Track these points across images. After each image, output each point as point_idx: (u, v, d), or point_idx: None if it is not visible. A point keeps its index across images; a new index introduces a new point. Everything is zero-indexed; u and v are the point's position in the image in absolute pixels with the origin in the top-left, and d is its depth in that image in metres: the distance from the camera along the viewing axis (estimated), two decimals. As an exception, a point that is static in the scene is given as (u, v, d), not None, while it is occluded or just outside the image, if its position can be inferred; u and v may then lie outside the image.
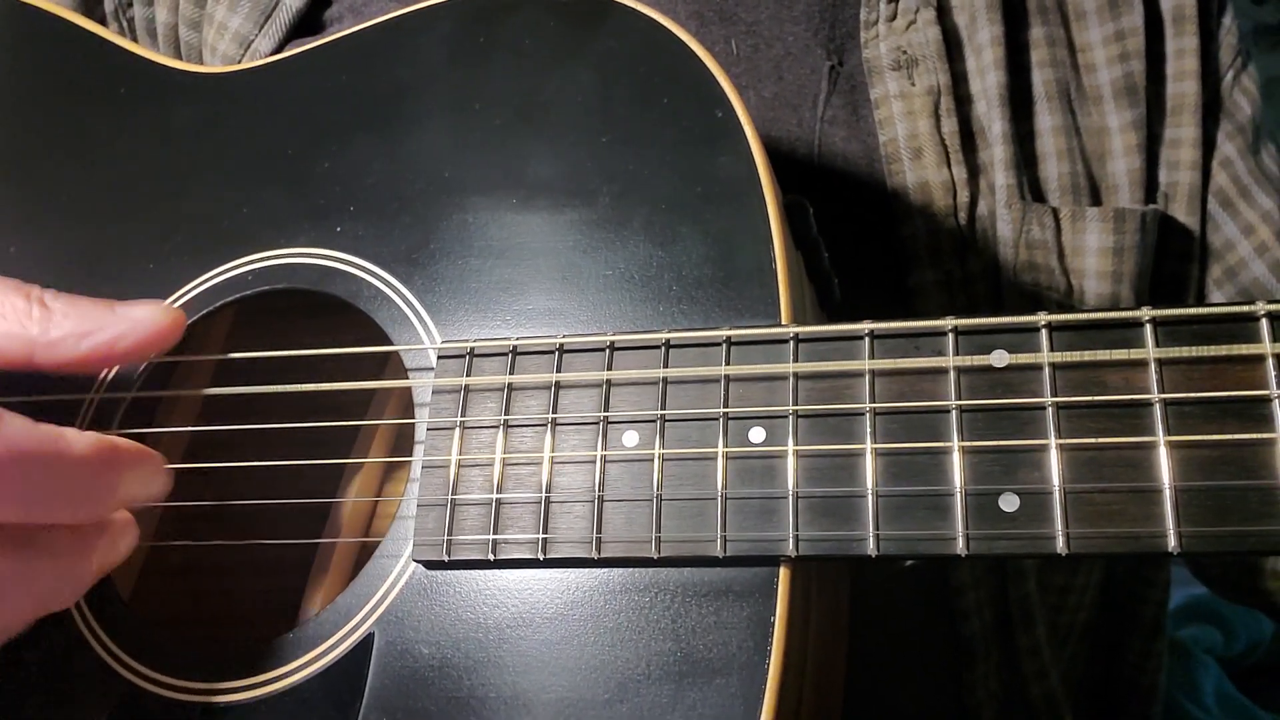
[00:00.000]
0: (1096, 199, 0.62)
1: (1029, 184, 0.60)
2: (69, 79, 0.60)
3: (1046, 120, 0.61)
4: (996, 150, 0.59)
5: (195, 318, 0.52)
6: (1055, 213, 0.59)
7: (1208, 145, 0.64)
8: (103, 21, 0.70)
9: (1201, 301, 0.65)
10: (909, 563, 0.38)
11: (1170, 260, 0.64)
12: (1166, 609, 0.69)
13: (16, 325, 0.42)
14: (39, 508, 0.38)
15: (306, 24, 0.64)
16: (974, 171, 0.60)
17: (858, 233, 0.58)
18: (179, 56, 0.69)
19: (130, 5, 0.70)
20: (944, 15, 0.62)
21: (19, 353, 0.42)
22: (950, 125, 0.59)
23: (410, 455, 0.46)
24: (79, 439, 0.39)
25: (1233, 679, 1.12)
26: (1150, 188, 0.63)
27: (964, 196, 0.59)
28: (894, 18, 0.61)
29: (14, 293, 0.43)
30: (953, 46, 0.61)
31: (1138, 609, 0.68)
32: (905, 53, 0.60)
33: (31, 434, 0.37)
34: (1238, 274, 0.64)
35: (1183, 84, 0.63)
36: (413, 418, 0.46)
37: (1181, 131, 0.63)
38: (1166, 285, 0.64)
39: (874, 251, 0.59)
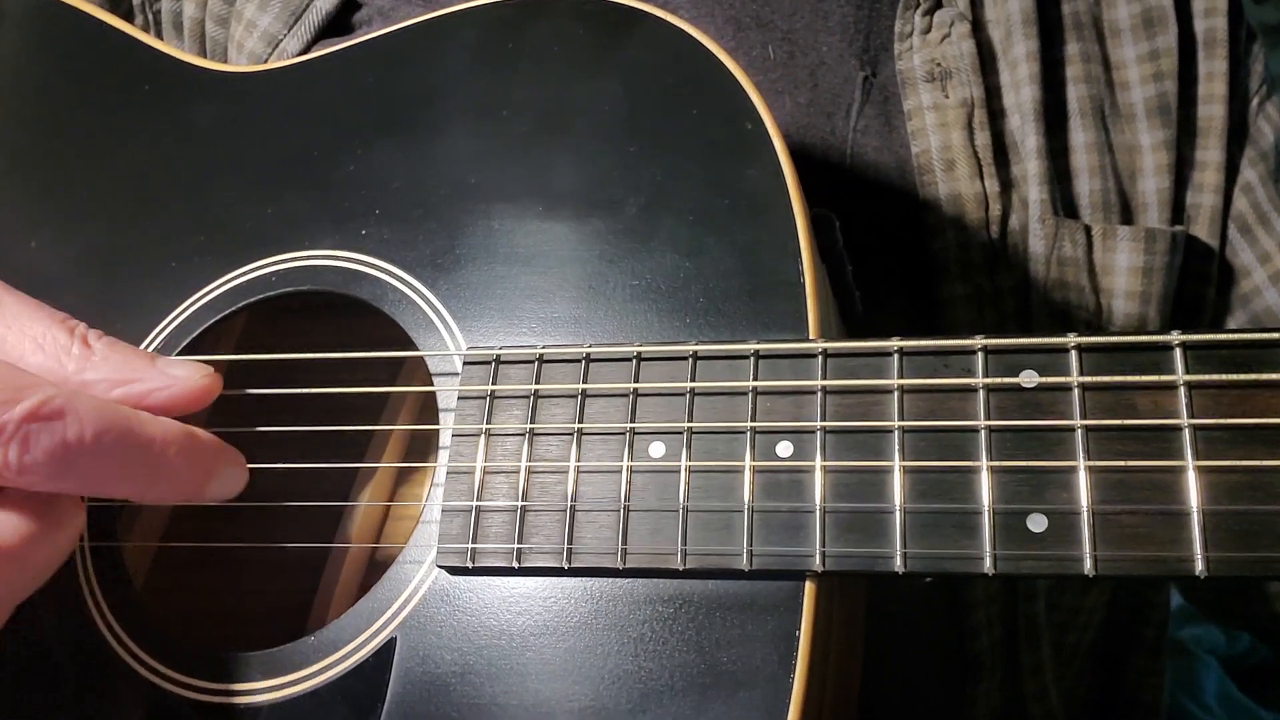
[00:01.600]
0: (1127, 217, 0.62)
1: (1061, 199, 0.60)
2: (93, 75, 0.60)
3: (1080, 136, 0.61)
4: (1030, 165, 0.59)
5: (218, 318, 0.52)
6: (1087, 230, 0.59)
7: (1231, 170, 0.64)
8: (129, 14, 0.70)
9: (1217, 326, 0.66)
10: (927, 579, 0.38)
11: (1190, 282, 0.64)
12: (1166, 629, 0.70)
13: (54, 360, 0.41)
14: (112, 486, 0.39)
15: (335, 26, 0.64)
16: (1006, 185, 0.60)
17: (887, 243, 0.58)
18: (204, 52, 0.69)
19: None
20: (979, 29, 0.62)
21: None
22: (983, 138, 0.60)
23: (425, 460, 0.46)
24: (153, 422, 0.40)
25: (1234, 679, 1.12)
26: (1178, 208, 0.63)
27: (996, 210, 0.59)
28: (929, 30, 0.61)
29: (58, 326, 0.42)
30: (987, 60, 0.61)
31: (1140, 630, 0.69)
32: (939, 65, 0.60)
33: (104, 412, 0.38)
34: (1250, 301, 0.64)
35: (1210, 107, 0.63)
36: (429, 422, 0.46)
37: (1207, 154, 0.63)
38: (1186, 308, 0.64)
39: (903, 263, 0.59)
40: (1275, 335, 0.36)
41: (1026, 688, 0.61)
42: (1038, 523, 0.37)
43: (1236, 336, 0.37)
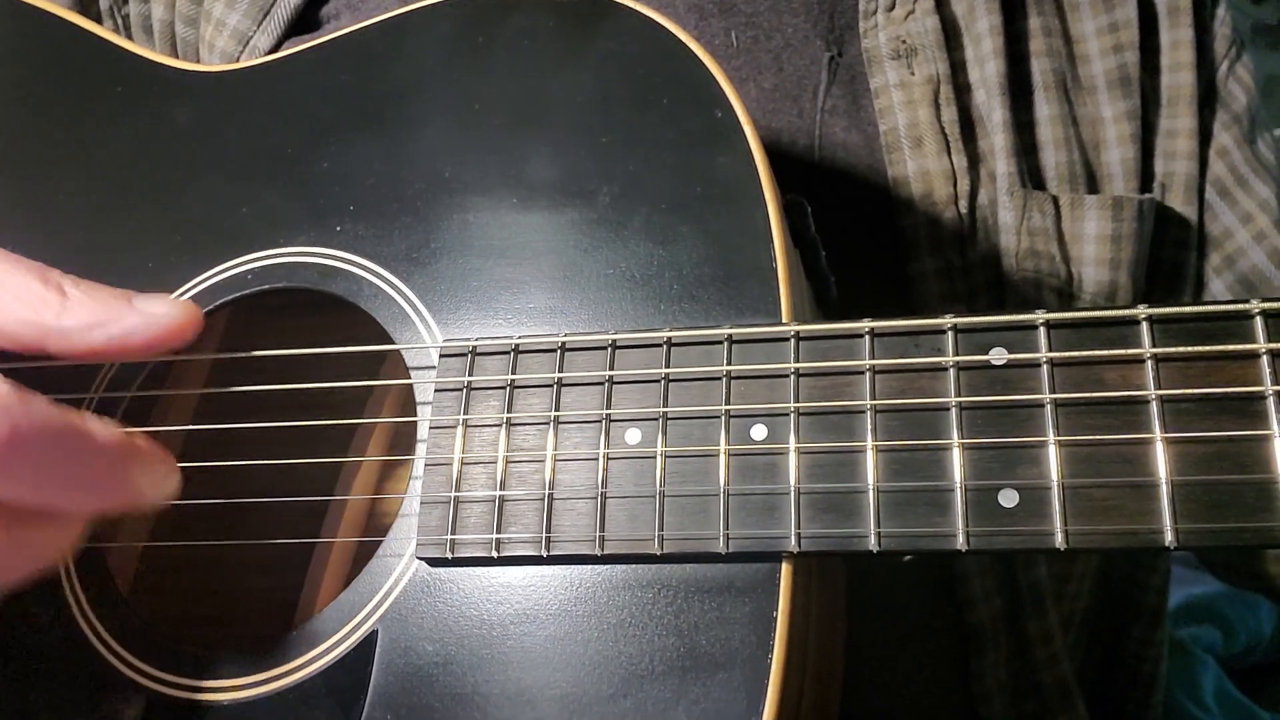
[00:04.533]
0: (1093, 187, 0.63)
1: (1028, 172, 0.61)
2: (65, 77, 0.60)
3: (1044, 109, 0.62)
4: (997, 138, 0.60)
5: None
6: (1055, 200, 0.60)
7: (1204, 135, 0.65)
8: (97, 18, 0.70)
9: (1200, 290, 0.66)
10: (907, 558, 0.39)
11: (1168, 249, 0.65)
12: (1167, 596, 0.70)
13: (31, 310, 0.41)
14: (51, 490, 0.38)
15: (303, 21, 0.64)
16: (974, 160, 0.60)
17: (858, 222, 0.59)
18: (175, 53, 0.69)
19: (126, 2, 0.70)
20: (942, 5, 0.62)
21: (32, 338, 0.41)
22: (950, 114, 0.60)
23: (407, 454, 0.46)
24: (101, 427, 0.39)
25: (1232, 678, 1.13)
26: (1145, 177, 0.63)
27: (964, 185, 0.59)
28: (893, 8, 0.62)
29: (33, 276, 0.42)
30: (951, 36, 0.62)
31: (1139, 597, 0.69)
32: (904, 42, 0.61)
33: (55, 416, 0.37)
34: (1236, 261, 0.65)
35: (1178, 75, 0.64)
36: (410, 416, 0.47)
37: (1178, 122, 0.64)
38: (1164, 274, 0.65)
39: (875, 240, 0.59)
40: (1241, 307, 0.37)
41: (1037, 656, 0.60)
42: (1009, 498, 0.37)
43: (1203, 309, 0.37)
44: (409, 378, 0.47)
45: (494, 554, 0.42)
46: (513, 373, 0.44)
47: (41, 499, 0.38)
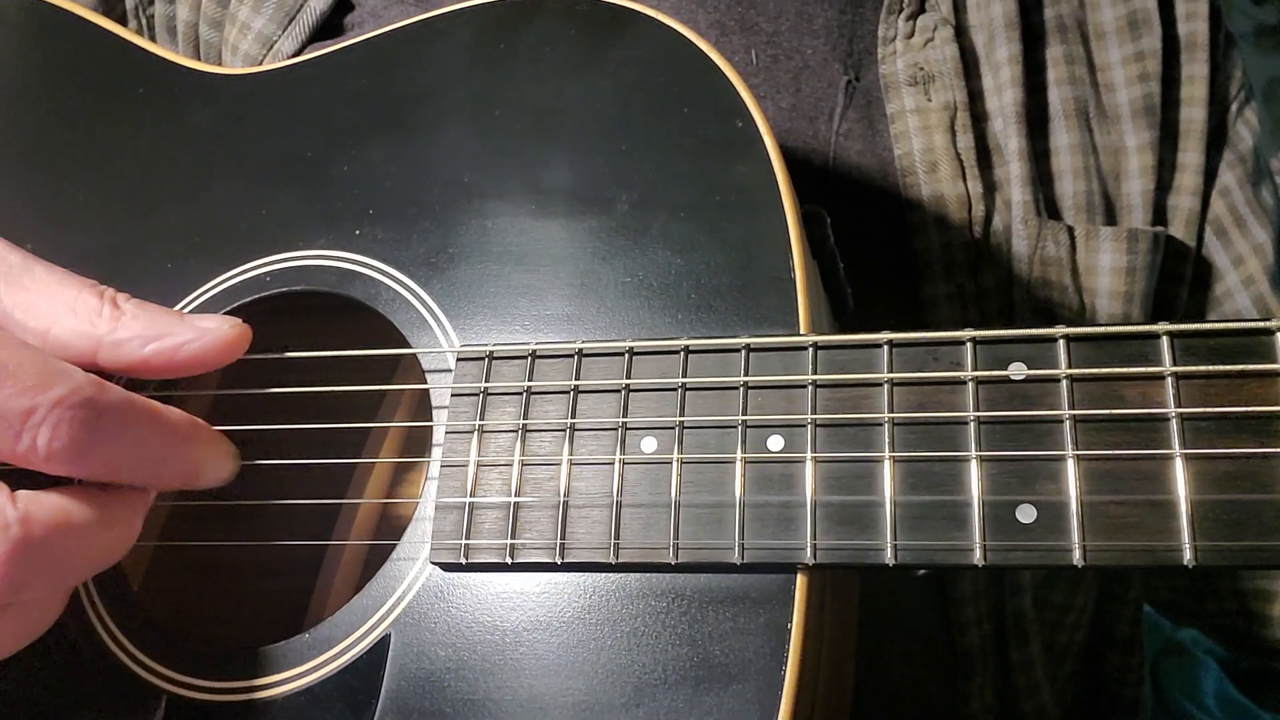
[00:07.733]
0: (1111, 218, 0.62)
1: (1044, 201, 0.61)
2: (87, 78, 0.60)
3: (1063, 138, 0.62)
4: (1013, 166, 0.60)
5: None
6: (1070, 230, 0.60)
7: (1209, 173, 0.65)
8: (122, 19, 0.70)
9: None
10: (921, 572, 0.39)
11: (1164, 283, 0.64)
12: (1140, 625, 0.70)
13: (86, 323, 0.43)
14: (127, 465, 0.41)
15: (327, 28, 0.65)
16: (989, 187, 0.60)
17: (871, 245, 0.59)
18: (198, 55, 0.69)
19: (151, 3, 0.70)
20: (961, 34, 0.62)
21: (85, 350, 0.43)
22: (966, 141, 0.60)
23: (421, 458, 0.46)
24: (171, 411, 0.42)
25: (1233, 679, 1.12)
26: (1159, 209, 0.63)
27: (979, 211, 0.59)
28: (912, 35, 0.62)
29: (88, 290, 0.44)
30: (970, 64, 0.62)
31: (1111, 627, 0.69)
32: (922, 69, 0.61)
33: (134, 401, 0.40)
34: (1222, 304, 0.65)
35: (1191, 110, 0.64)
36: (426, 421, 0.47)
37: (1186, 156, 0.64)
38: (1161, 307, 0.65)
39: (887, 264, 0.59)
40: (1262, 324, 0.37)
41: (1018, 684, 0.61)
42: (1027, 514, 0.37)
43: (1224, 326, 0.37)
44: (425, 382, 0.47)
45: (508, 560, 0.42)
46: (529, 379, 0.44)
47: (117, 474, 0.41)
